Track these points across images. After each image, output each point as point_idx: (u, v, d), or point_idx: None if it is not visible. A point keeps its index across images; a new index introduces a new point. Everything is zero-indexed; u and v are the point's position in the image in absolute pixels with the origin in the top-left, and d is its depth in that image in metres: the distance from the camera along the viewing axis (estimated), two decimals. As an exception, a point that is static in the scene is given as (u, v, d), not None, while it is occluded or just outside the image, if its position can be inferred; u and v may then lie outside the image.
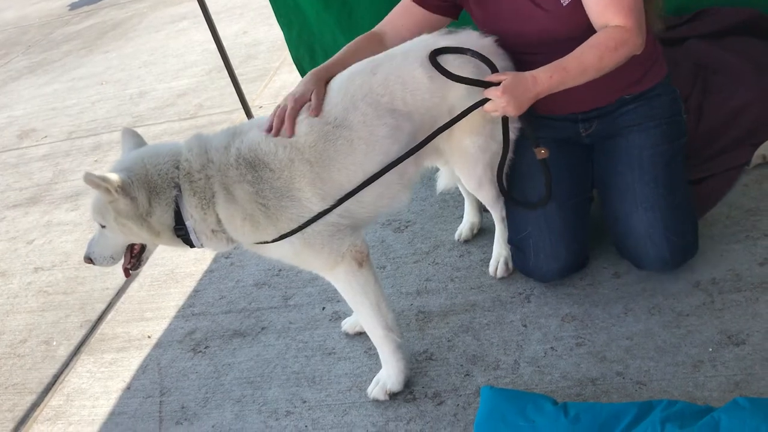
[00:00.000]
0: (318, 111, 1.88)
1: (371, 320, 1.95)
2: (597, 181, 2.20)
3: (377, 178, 1.88)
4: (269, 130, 1.87)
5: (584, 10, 1.92)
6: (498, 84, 1.85)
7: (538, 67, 1.94)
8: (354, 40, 2.13)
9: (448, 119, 1.95)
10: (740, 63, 2.60)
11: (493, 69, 1.93)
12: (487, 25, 2.05)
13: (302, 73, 3.55)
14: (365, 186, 1.87)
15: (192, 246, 1.93)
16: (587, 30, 1.92)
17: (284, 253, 1.90)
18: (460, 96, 1.95)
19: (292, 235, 1.84)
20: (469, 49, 1.95)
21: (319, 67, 2.03)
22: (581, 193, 2.19)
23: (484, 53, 1.97)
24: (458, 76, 1.90)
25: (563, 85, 1.89)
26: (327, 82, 1.97)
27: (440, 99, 1.94)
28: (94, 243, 1.95)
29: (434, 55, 1.91)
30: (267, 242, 1.87)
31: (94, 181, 1.76)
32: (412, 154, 1.91)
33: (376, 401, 1.99)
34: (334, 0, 3.16)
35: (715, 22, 2.80)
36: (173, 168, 1.84)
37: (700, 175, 2.35)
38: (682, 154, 2.15)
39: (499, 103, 1.86)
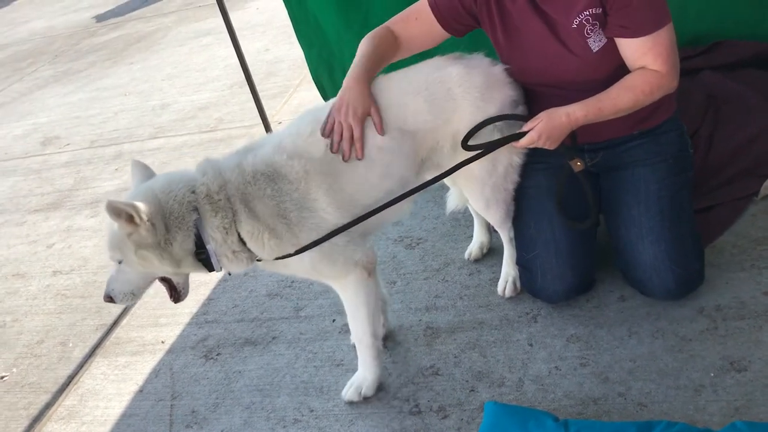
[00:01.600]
0: (382, 130, 1.95)
1: (364, 327, 2.03)
2: (604, 208, 2.24)
3: (400, 200, 1.95)
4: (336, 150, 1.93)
5: (613, 57, 1.96)
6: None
7: (553, 100, 2.01)
8: (376, 41, 2.11)
9: (450, 141, 2.04)
10: (752, 95, 2.66)
11: (524, 118, 2.01)
12: (512, 57, 2.09)
13: (321, 91, 3.64)
14: (386, 207, 1.94)
15: (211, 270, 1.92)
16: (612, 75, 1.97)
17: (303, 265, 1.95)
18: (465, 120, 2.01)
19: (315, 246, 1.88)
20: (491, 118, 2.00)
21: (358, 73, 2.02)
22: (588, 217, 2.23)
23: (494, 81, 2.05)
24: (494, 142, 1.98)
25: (595, 120, 1.97)
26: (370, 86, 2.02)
27: (443, 122, 2.02)
28: (112, 280, 1.91)
29: (465, 142, 1.98)
30: (290, 255, 1.90)
31: (118, 208, 1.73)
32: (428, 186, 2.00)
33: (351, 403, 2.09)
34: (355, 20, 3.24)
35: (729, 55, 2.86)
36: (189, 193, 1.85)
37: (708, 204, 2.39)
38: (688, 187, 2.18)
39: (538, 144, 1.96)
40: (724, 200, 2.41)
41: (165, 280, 1.98)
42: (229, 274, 1.95)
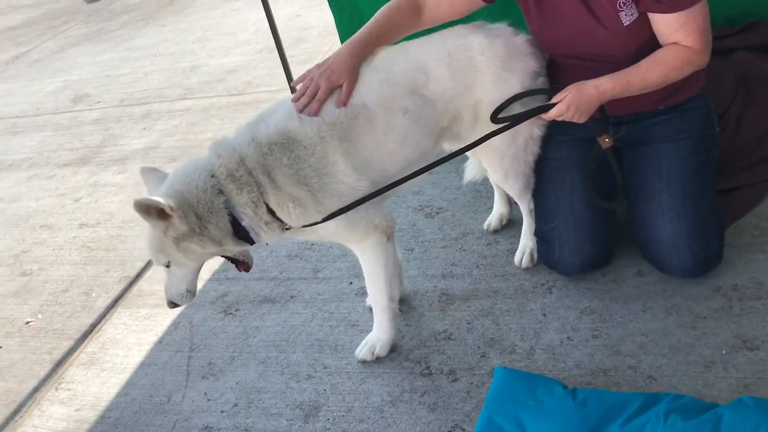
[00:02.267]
0: (345, 102, 1.92)
1: (381, 290, 2.06)
2: (625, 183, 2.23)
3: (418, 174, 1.96)
4: (297, 98, 1.92)
5: (642, 32, 1.95)
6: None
7: (580, 73, 2.00)
8: (395, 9, 2.09)
9: (471, 111, 2.04)
10: (785, 78, 2.62)
11: (552, 92, 1.99)
12: (543, 28, 2.08)
13: (350, 57, 3.63)
14: (409, 179, 1.95)
15: (252, 243, 1.94)
16: (642, 48, 1.96)
17: (328, 230, 1.97)
18: (486, 90, 2.01)
19: (342, 213, 1.90)
20: (522, 93, 1.99)
21: (355, 43, 2.01)
22: (608, 191, 2.22)
23: (516, 51, 2.04)
24: (523, 113, 1.96)
25: (623, 95, 1.96)
26: (361, 61, 2.00)
27: (464, 90, 2.01)
28: (168, 287, 1.96)
29: (495, 116, 1.96)
30: (317, 222, 1.91)
31: (146, 204, 1.75)
32: (455, 156, 2.00)
33: (363, 362, 2.13)
34: (387, -13, 3.22)
35: (764, 36, 2.81)
36: (209, 177, 1.85)
37: (733, 185, 2.37)
38: (711, 166, 2.17)
39: (566, 116, 1.94)
40: (749, 182, 2.39)
41: (227, 258, 2.02)
42: (267, 245, 1.99)
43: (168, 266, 1.92)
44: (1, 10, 9.24)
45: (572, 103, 1.93)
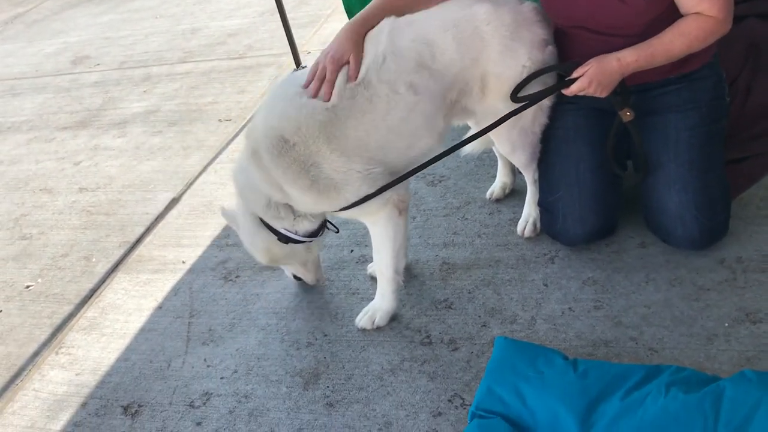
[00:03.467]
0: (356, 76, 1.88)
1: (388, 261, 2.05)
2: (632, 153, 2.20)
3: (435, 161, 1.98)
4: (307, 86, 1.89)
5: (660, 6, 1.89)
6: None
7: (594, 45, 1.96)
8: None
9: (479, 83, 1.99)
10: (796, 46, 2.56)
11: (571, 68, 1.94)
12: (555, 3, 2.03)
13: (352, 21, 3.58)
14: (424, 168, 1.97)
15: (299, 242, 2.09)
16: (659, 23, 1.91)
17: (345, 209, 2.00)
18: (493, 61, 1.96)
19: (363, 203, 1.92)
20: (540, 71, 1.96)
21: (355, 20, 1.98)
22: (615, 160, 2.19)
23: (523, 19, 1.99)
24: (544, 91, 1.96)
25: (646, 67, 1.92)
26: (363, 38, 1.95)
27: (471, 62, 1.95)
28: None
29: (514, 96, 1.95)
30: (338, 210, 1.97)
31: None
32: (469, 142, 2.05)
33: (363, 330, 2.14)
34: (391, -51, 3.15)
35: (776, 3, 2.75)
36: (249, 215, 2.08)
37: (739, 155, 2.33)
38: (719, 135, 2.13)
39: (588, 91, 1.91)
40: (757, 152, 2.35)
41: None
42: (311, 240, 2.10)
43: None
44: (0, -31, 9.11)
45: (594, 77, 1.89)
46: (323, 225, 2.14)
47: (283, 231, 2.05)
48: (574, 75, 1.93)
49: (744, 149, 2.34)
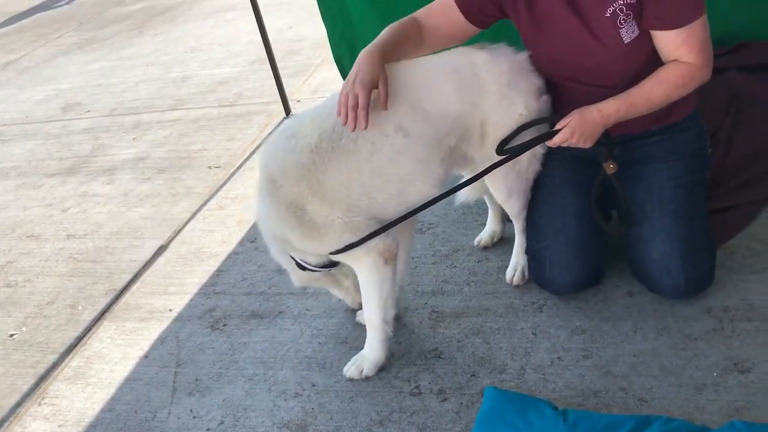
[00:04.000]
0: (386, 104, 1.87)
1: (375, 310, 2.04)
2: (617, 204, 2.23)
3: (434, 203, 2.00)
4: (339, 115, 1.87)
5: (643, 50, 1.94)
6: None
7: (580, 97, 2.00)
8: (399, 24, 2.06)
9: (478, 130, 2.02)
10: (775, 98, 2.63)
11: (555, 119, 1.99)
12: (539, 49, 2.07)
13: (341, 70, 3.64)
14: (412, 215, 1.99)
15: (312, 269, 2.11)
16: (640, 68, 1.96)
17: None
18: (491, 108, 2.00)
19: (351, 248, 1.93)
20: (526, 124, 2.00)
21: (373, 46, 1.94)
22: (601, 210, 2.22)
23: (519, 68, 2.04)
24: (528, 142, 1.99)
25: (628, 117, 1.96)
26: (384, 60, 1.93)
27: (470, 106, 1.99)
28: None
29: (500, 149, 1.99)
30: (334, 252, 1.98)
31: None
32: (461, 189, 2.08)
33: (351, 380, 2.11)
34: (380, 2, 3.23)
35: (756, 56, 2.83)
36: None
37: (723, 205, 2.37)
38: (703, 186, 2.17)
39: (571, 141, 1.95)
40: (740, 202, 2.39)
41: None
42: (327, 270, 2.15)
43: None
44: (-8, 16, 9.21)
45: (576, 128, 1.93)
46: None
47: (297, 259, 2.07)
48: (558, 126, 1.97)
49: (727, 199, 2.39)
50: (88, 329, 2.68)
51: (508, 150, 2.00)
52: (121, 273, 2.98)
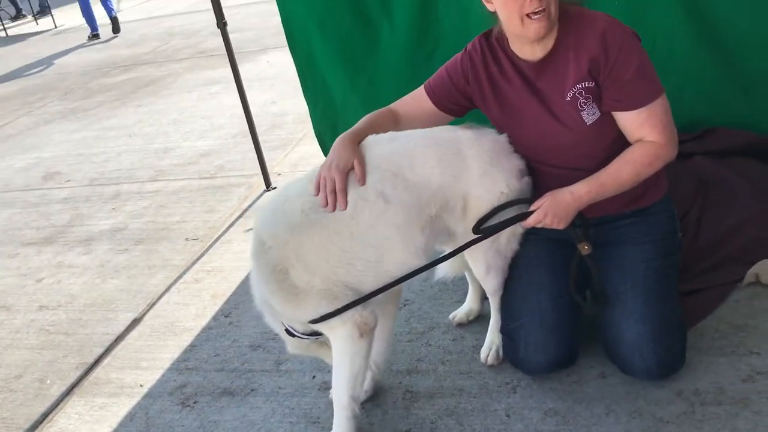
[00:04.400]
0: (363, 179, 1.97)
1: (344, 385, 2.01)
2: (590, 284, 2.26)
3: (405, 280, 2.02)
4: (318, 196, 1.97)
5: (607, 130, 2.02)
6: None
7: (551, 179, 2.08)
8: (375, 113, 2.21)
9: (461, 203, 2.07)
10: (740, 183, 2.71)
11: (529, 201, 2.06)
12: (510, 134, 2.15)
13: (323, 146, 3.71)
14: (392, 287, 2.00)
15: (300, 336, 2.11)
16: (607, 149, 2.04)
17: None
18: (474, 183, 2.05)
19: (332, 316, 1.94)
20: (501, 205, 2.06)
21: (347, 133, 2.09)
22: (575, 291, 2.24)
23: (502, 148, 2.11)
24: (503, 223, 2.03)
25: (600, 198, 2.02)
26: (358, 146, 2.05)
27: (452, 179, 2.04)
28: None
29: (477, 229, 2.04)
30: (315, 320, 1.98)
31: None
32: (439, 263, 2.14)
33: None
34: (360, 83, 3.34)
35: (721, 141, 2.93)
36: None
37: (693, 287, 2.41)
38: (675, 269, 2.22)
39: (545, 223, 2.00)
40: (710, 285, 2.43)
41: None
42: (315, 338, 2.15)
43: None
44: (-22, 84, 9.29)
45: (549, 209, 1.99)
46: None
47: (286, 325, 2.07)
48: (532, 208, 2.02)
49: (697, 282, 2.43)
50: (56, 405, 2.62)
51: (484, 229, 2.03)
52: (93, 346, 2.94)
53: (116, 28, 10.78)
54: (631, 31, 1.98)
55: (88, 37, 10.84)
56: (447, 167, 2.03)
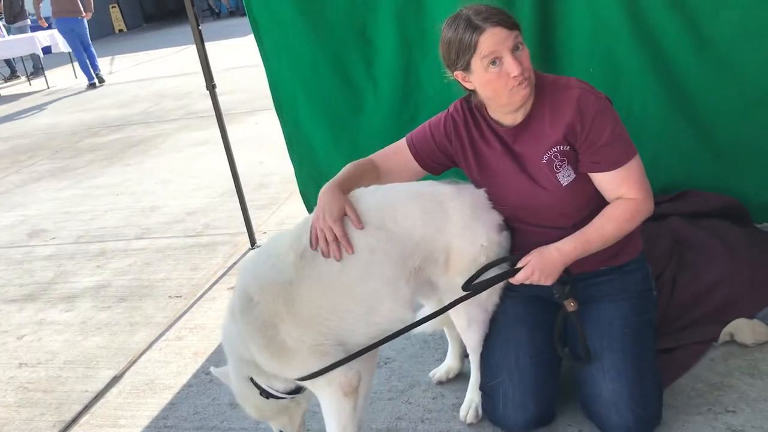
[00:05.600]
0: (361, 223, 2.01)
1: None
2: (569, 341, 2.29)
3: (394, 337, 2.04)
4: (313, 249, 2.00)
5: (582, 191, 2.10)
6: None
7: (530, 237, 2.13)
8: (357, 165, 2.25)
9: (443, 256, 2.10)
10: (715, 244, 2.78)
11: (514, 261, 2.10)
12: (489, 193, 2.21)
13: (308, 205, 3.77)
14: (382, 343, 2.04)
15: (278, 396, 2.13)
16: (583, 208, 2.11)
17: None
18: (455, 235, 2.10)
19: (321, 374, 1.97)
20: (490, 264, 2.10)
21: (333, 182, 2.12)
22: (553, 348, 2.25)
23: (483, 203, 2.17)
24: (492, 279, 2.07)
25: (585, 253, 2.07)
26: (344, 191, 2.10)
27: (435, 232, 2.08)
28: None
29: (467, 286, 2.07)
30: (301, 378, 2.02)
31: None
32: (425, 322, 2.16)
33: None
34: (345, 145, 3.43)
35: (695, 203, 3.02)
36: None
37: (669, 345, 2.45)
38: (651, 327, 2.25)
39: (533, 279, 2.04)
40: (685, 343, 2.47)
41: None
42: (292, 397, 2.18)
43: None
44: (-32, 142, 9.36)
45: (536, 266, 2.03)
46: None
47: (264, 386, 2.07)
48: (519, 265, 2.06)
49: (673, 339, 2.47)
50: (31, 464, 2.58)
51: (474, 285, 2.07)
52: (71, 404, 2.91)
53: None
54: (604, 97, 2.08)
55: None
56: (429, 220, 2.09)
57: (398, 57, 3.25)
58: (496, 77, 1.98)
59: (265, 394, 2.10)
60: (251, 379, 2.09)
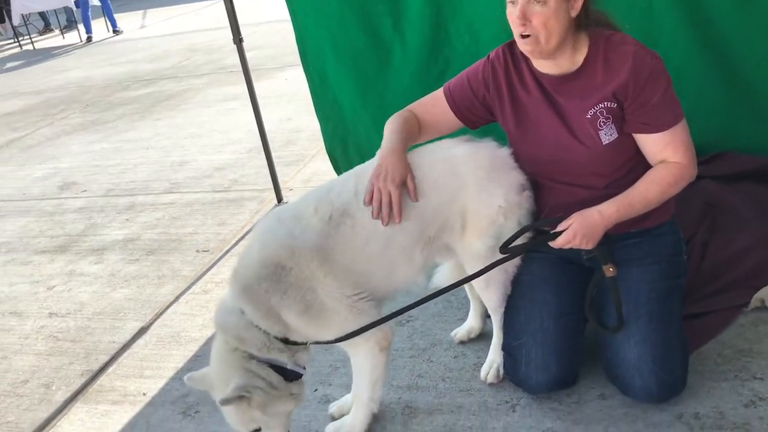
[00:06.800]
0: (416, 197, 2.04)
1: (364, 389, 2.12)
2: (594, 303, 2.25)
3: (418, 305, 2.06)
4: (368, 204, 2.02)
5: (620, 151, 2.05)
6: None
7: (557, 194, 2.09)
8: (404, 121, 2.21)
9: (459, 221, 2.09)
10: (747, 208, 2.70)
11: (555, 222, 2.04)
12: (523, 147, 2.16)
13: (334, 163, 3.74)
14: (397, 315, 2.05)
15: (300, 374, 2.07)
16: (616, 170, 2.06)
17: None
18: (471, 198, 2.08)
19: (350, 338, 1.99)
20: (528, 226, 2.09)
21: (396, 146, 2.11)
22: (578, 311, 2.22)
23: (500, 163, 2.13)
24: (530, 243, 2.07)
25: (627, 218, 2.02)
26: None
27: (449, 198, 2.07)
28: None
29: (504, 248, 2.03)
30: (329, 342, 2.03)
31: (230, 399, 1.90)
32: (455, 288, 2.13)
33: None
34: (371, 102, 3.36)
35: (728, 166, 2.93)
36: (232, 352, 1.98)
37: (698, 311, 2.40)
38: (679, 292, 2.20)
39: (574, 243, 1.99)
40: (714, 309, 2.41)
41: None
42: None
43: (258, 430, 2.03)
44: (4, 95, 9.47)
45: (579, 230, 1.98)
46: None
47: (290, 367, 2.01)
48: (559, 228, 2.01)
49: (701, 305, 2.41)
50: (60, 411, 2.64)
51: (511, 248, 2.04)
52: (99, 354, 2.97)
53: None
54: (658, 57, 2.00)
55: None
56: (443, 188, 2.08)
57: (427, 11, 3.16)
58: (509, 14, 1.96)
59: (293, 376, 2.03)
60: (271, 366, 1.99)
